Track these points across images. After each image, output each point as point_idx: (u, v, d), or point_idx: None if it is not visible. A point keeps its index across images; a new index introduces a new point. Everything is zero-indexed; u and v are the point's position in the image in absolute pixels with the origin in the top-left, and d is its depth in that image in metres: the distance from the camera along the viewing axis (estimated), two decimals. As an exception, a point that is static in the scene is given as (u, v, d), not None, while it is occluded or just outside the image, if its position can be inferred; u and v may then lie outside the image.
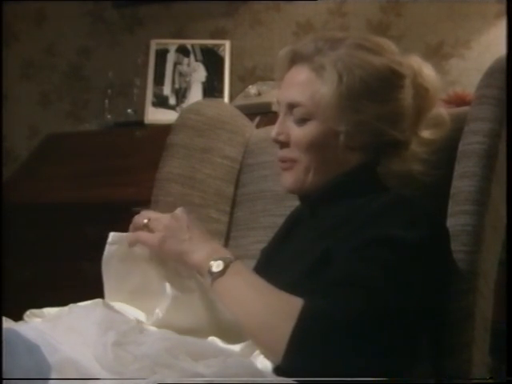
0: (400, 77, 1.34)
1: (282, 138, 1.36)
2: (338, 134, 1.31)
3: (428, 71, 1.39)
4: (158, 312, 1.22)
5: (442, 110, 1.41)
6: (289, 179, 1.36)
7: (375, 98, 1.31)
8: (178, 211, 1.27)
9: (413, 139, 1.36)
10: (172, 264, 1.25)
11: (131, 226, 1.29)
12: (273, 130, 1.37)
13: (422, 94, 1.37)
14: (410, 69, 1.36)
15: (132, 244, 1.26)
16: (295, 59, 1.36)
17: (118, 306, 1.25)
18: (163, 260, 1.26)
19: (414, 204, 1.27)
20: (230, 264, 1.20)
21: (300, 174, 1.34)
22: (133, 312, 1.25)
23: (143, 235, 1.26)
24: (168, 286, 1.22)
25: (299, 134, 1.33)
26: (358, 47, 1.33)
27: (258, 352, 1.16)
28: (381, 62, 1.32)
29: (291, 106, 1.34)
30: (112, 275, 1.27)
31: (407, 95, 1.34)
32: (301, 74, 1.34)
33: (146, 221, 1.27)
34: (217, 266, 1.20)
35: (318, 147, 1.32)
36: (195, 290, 1.23)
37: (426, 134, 1.38)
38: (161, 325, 1.21)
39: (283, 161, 1.37)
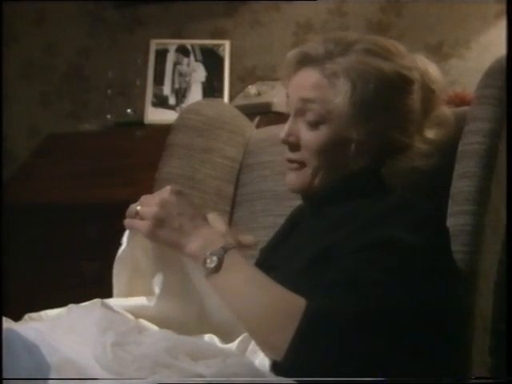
0: (409, 82, 1.34)
1: (291, 139, 1.35)
2: (350, 141, 1.31)
3: (434, 72, 1.39)
4: (156, 288, 1.22)
5: (445, 110, 1.41)
6: (295, 180, 1.36)
7: (387, 106, 1.32)
8: (166, 194, 1.23)
9: (417, 138, 1.36)
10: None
11: (127, 214, 1.26)
12: (282, 131, 1.35)
13: (428, 95, 1.37)
14: (418, 72, 1.36)
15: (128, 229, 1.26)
16: (304, 61, 1.35)
17: (118, 304, 1.25)
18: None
19: (417, 207, 1.27)
20: (225, 257, 1.17)
21: (308, 176, 1.34)
22: (133, 301, 1.25)
23: (136, 222, 1.23)
24: (160, 262, 1.22)
25: (310, 137, 1.32)
26: (368, 53, 1.32)
27: (251, 347, 1.16)
28: (391, 68, 1.32)
29: (304, 102, 1.32)
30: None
31: (416, 101, 1.35)
32: (311, 77, 1.33)
33: (138, 208, 1.23)
34: (210, 262, 1.17)
35: (328, 152, 1.32)
36: (189, 273, 1.22)
37: (429, 133, 1.39)
38: (159, 306, 1.21)
39: (291, 162, 1.36)
